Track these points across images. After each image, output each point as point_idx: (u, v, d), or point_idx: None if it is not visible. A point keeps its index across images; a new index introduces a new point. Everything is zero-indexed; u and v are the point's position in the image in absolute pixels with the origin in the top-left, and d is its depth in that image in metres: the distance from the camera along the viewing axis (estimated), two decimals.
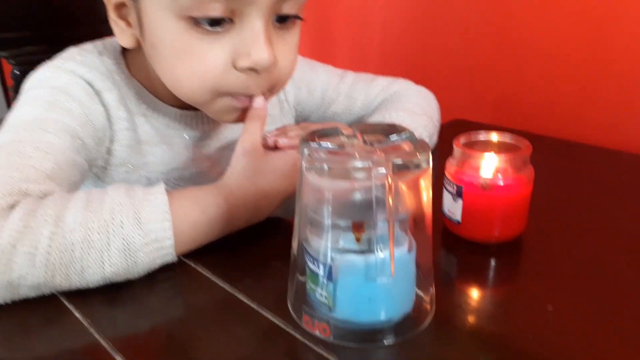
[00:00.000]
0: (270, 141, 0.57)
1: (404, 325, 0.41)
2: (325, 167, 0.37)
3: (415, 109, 0.73)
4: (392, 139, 0.40)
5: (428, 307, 0.43)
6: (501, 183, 0.50)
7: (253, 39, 0.52)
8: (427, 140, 0.70)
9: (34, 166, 0.49)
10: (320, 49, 1.20)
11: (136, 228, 0.46)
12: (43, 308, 0.45)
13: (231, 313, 0.44)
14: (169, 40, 0.53)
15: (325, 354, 0.39)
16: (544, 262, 0.51)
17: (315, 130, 0.41)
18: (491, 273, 0.50)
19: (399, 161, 0.36)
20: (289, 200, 0.54)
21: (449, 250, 0.54)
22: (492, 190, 0.50)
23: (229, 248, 0.53)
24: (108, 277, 0.46)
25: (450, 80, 0.97)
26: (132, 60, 0.63)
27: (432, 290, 0.43)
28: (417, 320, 0.42)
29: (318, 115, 0.80)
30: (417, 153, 0.37)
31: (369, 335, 0.41)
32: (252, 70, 0.53)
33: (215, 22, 0.51)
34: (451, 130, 0.61)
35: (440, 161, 0.55)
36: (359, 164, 0.36)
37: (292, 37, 0.57)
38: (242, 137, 0.56)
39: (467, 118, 0.94)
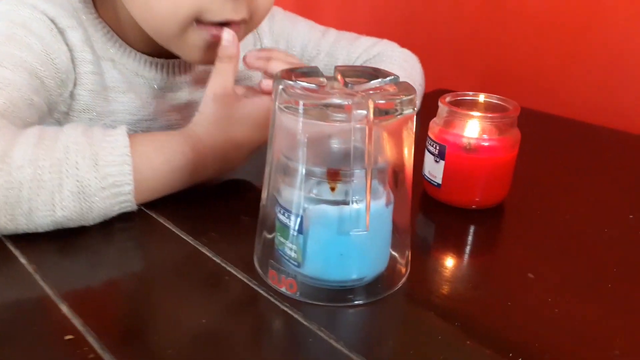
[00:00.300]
0: (262, 84, 0.53)
1: (376, 286, 0.39)
2: (301, 105, 0.33)
3: (397, 71, 0.69)
4: (375, 82, 0.36)
5: (403, 269, 0.40)
6: (486, 144, 0.48)
7: None
8: None
9: None
10: (305, 9, 1.15)
11: (92, 170, 0.42)
12: None
13: (193, 268, 0.41)
14: None
15: (290, 312, 0.36)
16: (526, 230, 0.48)
17: (293, 68, 0.38)
18: (470, 239, 0.48)
19: (381, 101, 0.33)
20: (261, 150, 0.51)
21: (427, 214, 0.51)
22: (475, 152, 0.48)
23: (196, 200, 0.50)
24: (59, 221, 0.42)
25: (436, 49, 0.94)
26: (101, 1, 0.58)
27: (408, 252, 0.41)
28: (390, 282, 0.39)
29: None
30: (402, 95, 0.34)
31: (338, 294, 0.38)
32: None
33: None
34: (434, 99, 0.58)
35: (422, 129, 0.52)
36: (337, 102, 0.33)
37: None
38: (212, 80, 0.51)
39: (451, 88, 0.91)
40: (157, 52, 0.59)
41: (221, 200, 0.51)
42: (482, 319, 0.36)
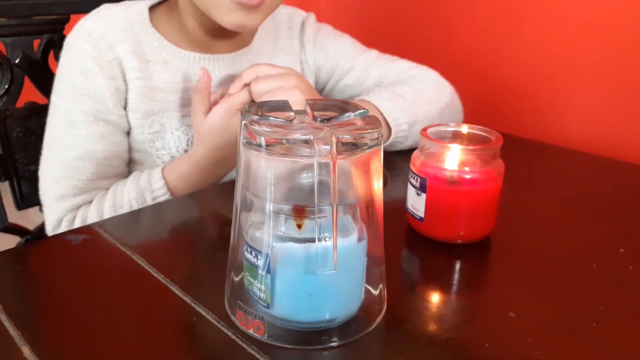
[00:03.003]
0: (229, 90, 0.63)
1: (350, 327, 0.37)
2: (263, 141, 0.32)
3: (407, 94, 0.69)
4: (344, 117, 0.35)
5: (377, 307, 0.39)
6: (468, 177, 0.46)
7: None
8: (405, 124, 0.67)
9: (82, 177, 0.64)
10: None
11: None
12: None
13: (162, 307, 0.40)
14: None
15: (258, 356, 0.35)
16: (511, 266, 0.47)
17: (261, 103, 0.37)
18: (454, 276, 0.46)
19: (346, 137, 0.32)
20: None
21: (411, 249, 0.50)
22: (458, 184, 0.46)
23: (172, 235, 0.49)
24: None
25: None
26: (156, 15, 0.70)
27: (383, 287, 0.39)
28: (365, 321, 0.38)
29: (332, 83, 0.80)
30: (368, 129, 0.33)
31: (309, 336, 0.36)
32: None
33: None
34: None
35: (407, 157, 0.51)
36: (300, 137, 0.32)
37: None
38: (192, 110, 0.64)
39: None
40: (200, 49, 0.70)
41: (198, 236, 0.50)
42: (475, 349, 0.35)
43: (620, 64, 0.77)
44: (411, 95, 0.69)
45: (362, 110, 0.36)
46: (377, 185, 0.35)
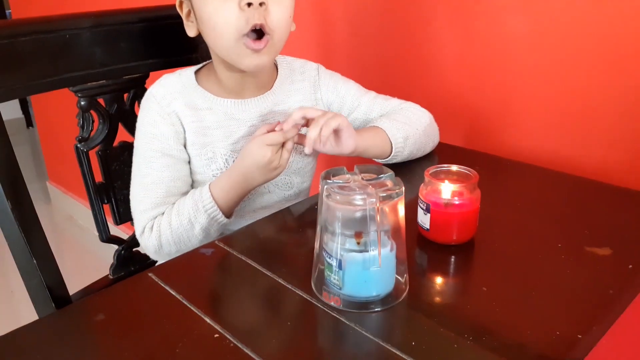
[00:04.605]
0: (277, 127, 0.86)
1: (387, 299, 0.63)
2: (338, 197, 0.59)
3: (400, 118, 0.98)
4: (379, 177, 0.62)
5: (403, 287, 0.65)
6: (457, 202, 0.72)
7: None
8: (401, 138, 0.94)
9: (157, 196, 0.89)
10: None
11: (205, 220, 0.86)
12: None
13: (270, 291, 0.66)
14: (208, 7, 0.83)
15: (337, 316, 0.61)
16: (489, 258, 0.73)
17: (329, 170, 0.63)
18: (450, 266, 0.72)
19: (383, 194, 0.58)
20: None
21: (421, 249, 0.76)
22: (450, 207, 0.72)
23: (269, 246, 0.75)
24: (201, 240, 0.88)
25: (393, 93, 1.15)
26: (200, 76, 0.96)
27: (407, 276, 0.65)
28: (396, 296, 0.64)
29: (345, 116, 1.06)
30: (396, 188, 0.59)
31: (365, 304, 0.62)
32: (250, 5, 0.80)
33: None
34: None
35: (417, 185, 0.77)
36: (358, 196, 0.58)
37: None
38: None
39: None
40: (235, 96, 0.94)
41: (285, 247, 0.76)
42: (452, 316, 0.61)
43: (567, 93, 1.02)
44: (404, 119, 0.98)
45: (390, 173, 0.62)
46: (401, 216, 0.61)
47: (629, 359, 0.55)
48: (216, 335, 0.58)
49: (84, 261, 2.35)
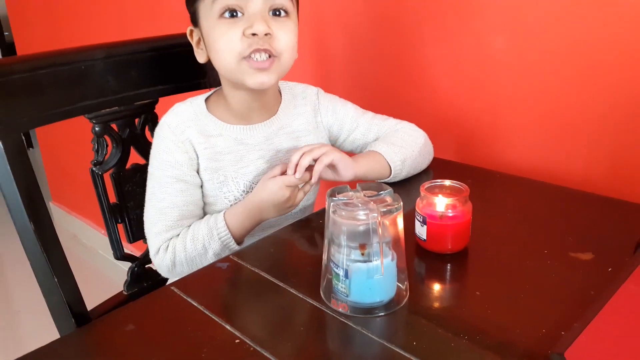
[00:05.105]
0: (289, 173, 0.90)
1: (390, 304, 0.69)
2: (343, 212, 0.65)
3: (396, 141, 1.05)
4: (380, 194, 0.68)
5: (404, 293, 0.71)
6: (450, 214, 0.79)
7: (253, 19, 0.86)
8: (399, 162, 1.01)
9: (171, 219, 0.94)
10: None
11: (217, 245, 0.87)
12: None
13: (283, 300, 0.72)
14: (215, 33, 0.89)
15: (345, 321, 0.67)
16: (481, 265, 0.79)
17: (334, 188, 0.70)
18: (446, 273, 0.78)
19: (384, 209, 0.65)
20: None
21: (420, 258, 0.82)
22: (445, 219, 0.79)
23: (279, 259, 0.81)
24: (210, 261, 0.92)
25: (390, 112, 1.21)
26: (210, 104, 1.00)
27: (407, 283, 0.71)
28: (398, 301, 0.70)
29: (344, 137, 1.11)
30: (395, 204, 0.66)
31: (370, 310, 0.68)
32: (255, 35, 0.86)
33: (232, 14, 0.87)
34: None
35: (414, 199, 0.84)
36: (361, 212, 0.65)
37: (287, 23, 0.91)
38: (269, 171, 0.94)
39: None
40: (243, 122, 1.00)
41: (295, 258, 0.82)
42: (448, 318, 0.67)
43: (552, 110, 1.09)
44: (400, 142, 1.04)
45: (389, 190, 0.69)
46: (400, 228, 0.68)
47: (605, 350, 0.61)
48: (237, 341, 0.64)
49: (90, 279, 2.40)
